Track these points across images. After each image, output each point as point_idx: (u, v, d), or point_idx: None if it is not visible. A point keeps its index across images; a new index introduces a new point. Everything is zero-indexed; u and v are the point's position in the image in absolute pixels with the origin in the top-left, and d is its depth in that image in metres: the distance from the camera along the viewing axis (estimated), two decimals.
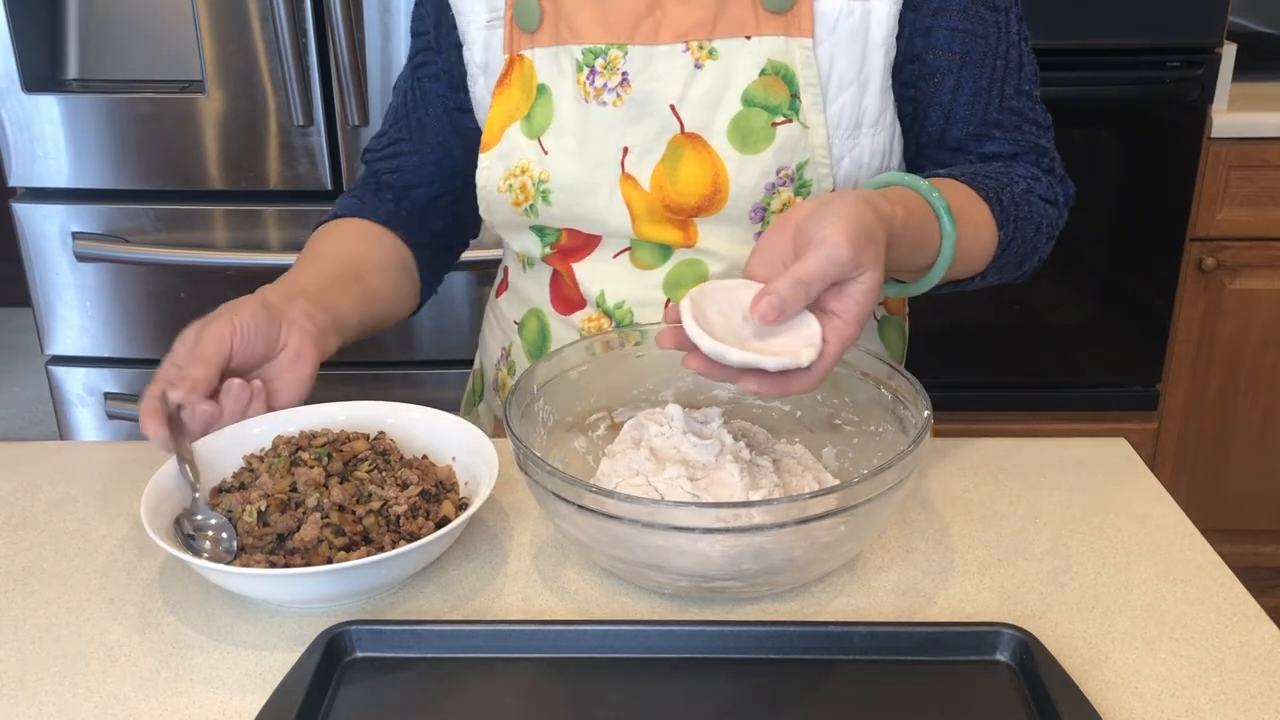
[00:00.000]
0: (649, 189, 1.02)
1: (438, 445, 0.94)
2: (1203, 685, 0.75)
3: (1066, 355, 2.21)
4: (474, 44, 1.09)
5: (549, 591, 0.85)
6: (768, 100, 0.99)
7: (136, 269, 2.02)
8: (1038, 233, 1.03)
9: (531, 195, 1.05)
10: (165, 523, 0.84)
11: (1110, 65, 2.01)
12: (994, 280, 1.04)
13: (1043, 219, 1.04)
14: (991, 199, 0.98)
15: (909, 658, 0.76)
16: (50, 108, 1.94)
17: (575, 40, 1.03)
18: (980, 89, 1.03)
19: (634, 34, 1.01)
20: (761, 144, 1.00)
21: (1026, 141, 1.06)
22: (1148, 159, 2.06)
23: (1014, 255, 1.02)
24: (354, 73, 1.88)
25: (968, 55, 1.02)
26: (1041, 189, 1.04)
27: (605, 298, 1.07)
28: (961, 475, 1.00)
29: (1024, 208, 1.01)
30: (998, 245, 0.99)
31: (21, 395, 3.35)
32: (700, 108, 1.00)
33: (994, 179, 1.00)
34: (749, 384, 0.79)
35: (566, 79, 1.03)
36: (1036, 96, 1.07)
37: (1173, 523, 0.93)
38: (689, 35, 1.00)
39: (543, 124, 1.05)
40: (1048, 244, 1.07)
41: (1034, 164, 1.07)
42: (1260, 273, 2.14)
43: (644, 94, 1.01)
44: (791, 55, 0.99)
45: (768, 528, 0.75)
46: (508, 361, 1.19)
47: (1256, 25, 2.33)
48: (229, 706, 0.74)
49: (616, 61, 1.01)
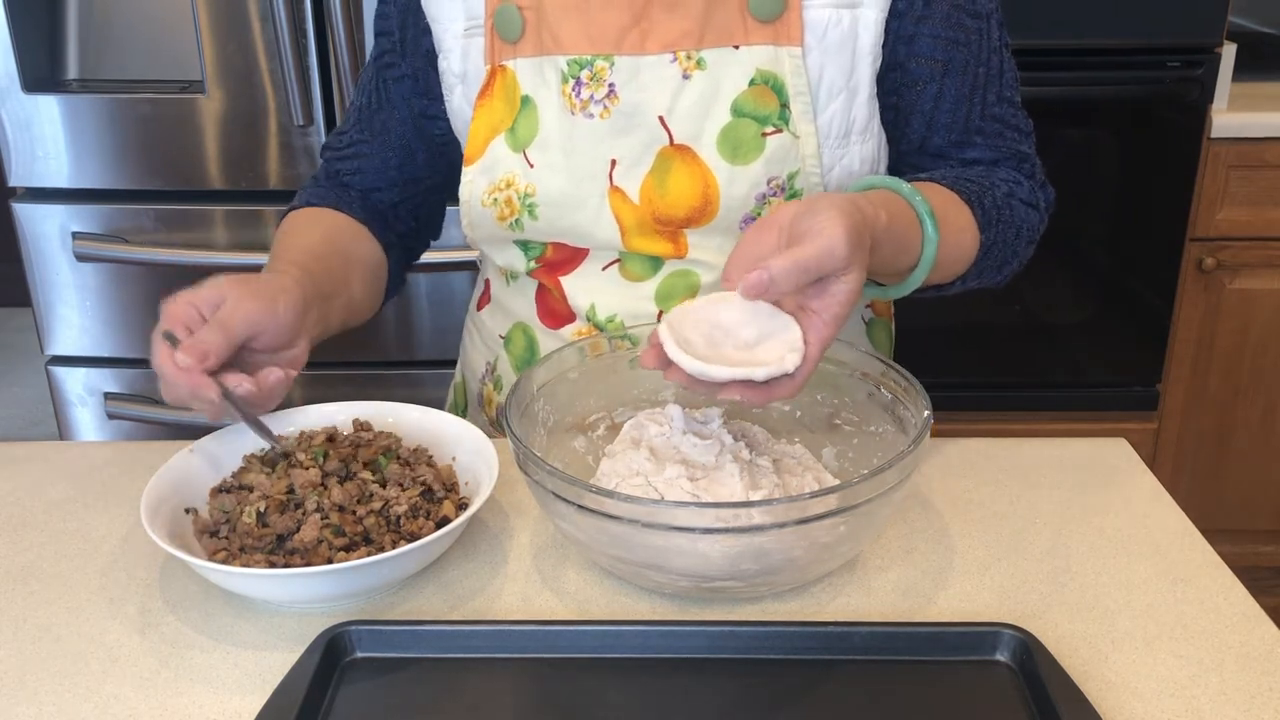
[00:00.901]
0: (638, 201, 1.01)
1: (438, 445, 0.94)
2: (1203, 685, 0.75)
3: (1066, 355, 2.21)
4: (451, 52, 1.06)
5: (549, 591, 0.85)
6: (757, 110, 0.99)
7: (136, 269, 2.02)
8: (1018, 237, 1.03)
9: (517, 209, 1.03)
10: (165, 523, 0.84)
11: (1110, 65, 2.01)
12: (974, 284, 1.04)
13: (1024, 223, 1.03)
14: (974, 202, 0.98)
15: (909, 658, 0.76)
16: (50, 108, 1.94)
17: (560, 51, 1.01)
18: (962, 96, 1.03)
19: (620, 44, 1.00)
20: (752, 154, 0.99)
21: (1008, 148, 1.06)
22: (1147, 159, 2.06)
23: (995, 259, 1.02)
24: (354, 73, 1.88)
25: (950, 63, 1.02)
26: (1023, 193, 1.04)
27: (596, 311, 1.06)
28: (961, 475, 1.00)
29: (1005, 211, 1.01)
30: (979, 249, 0.98)
31: (21, 395, 3.35)
32: (689, 119, 0.99)
33: (976, 183, 1.00)
34: (732, 394, 0.79)
35: (551, 90, 1.02)
36: (1018, 102, 1.07)
37: (1173, 523, 0.93)
38: (676, 45, 0.99)
39: (527, 137, 1.03)
40: (1028, 248, 1.06)
41: (1015, 169, 1.07)
42: (1260, 273, 2.14)
43: (631, 105, 1.00)
44: (781, 64, 0.98)
45: (768, 528, 0.75)
46: (493, 376, 1.16)
47: (1256, 25, 2.33)
48: (229, 706, 0.74)
49: (603, 73, 1.00)
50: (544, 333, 1.10)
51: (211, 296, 0.90)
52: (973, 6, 1.01)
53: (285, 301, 0.91)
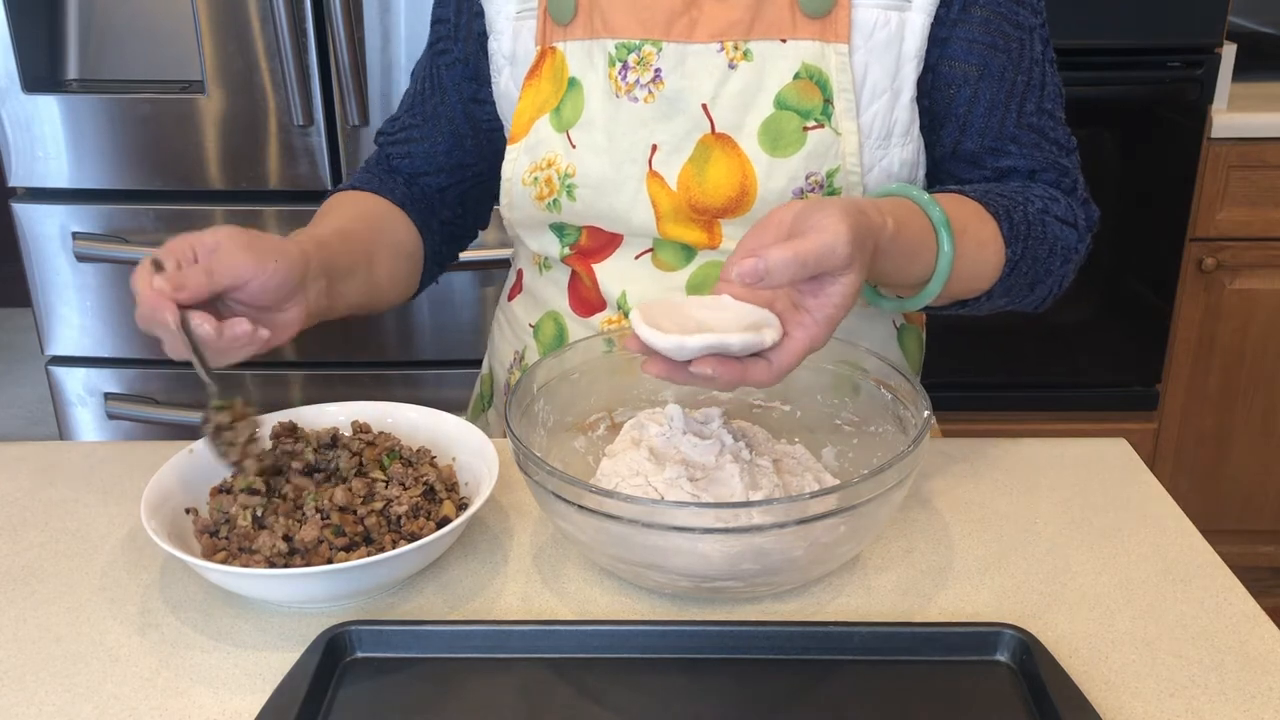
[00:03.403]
0: (675, 188, 1.02)
1: (438, 445, 0.94)
2: (1203, 685, 0.75)
3: (1066, 355, 2.21)
4: (502, 34, 1.08)
5: (549, 591, 0.85)
6: (800, 104, 0.99)
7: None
8: (1051, 254, 1.00)
9: (556, 189, 1.04)
10: (165, 523, 0.84)
11: (1110, 65, 2.01)
12: (1003, 303, 1.01)
13: (1057, 240, 1.00)
14: (1001, 216, 0.96)
15: (909, 658, 0.76)
16: (50, 108, 1.94)
17: (609, 34, 1.02)
18: (998, 102, 1.02)
19: (669, 31, 1.01)
20: (792, 148, 0.99)
21: (1046, 159, 1.04)
22: (1148, 159, 2.06)
23: (1023, 277, 0.99)
24: (354, 73, 1.88)
25: (986, 68, 1.01)
26: (1059, 210, 1.01)
27: (627, 299, 1.06)
28: (961, 475, 1.00)
29: (1037, 227, 0.98)
30: (1005, 264, 0.96)
31: (21, 395, 3.35)
32: (732, 108, 1.00)
33: (1007, 196, 0.99)
34: (705, 367, 0.75)
35: (598, 73, 1.03)
36: (1060, 118, 1.05)
37: (1173, 523, 0.93)
38: (724, 35, 1.00)
39: (572, 118, 1.04)
40: (1064, 267, 1.02)
41: (1053, 184, 1.04)
42: (1260, 273, 2.14)
43: (675, 92, 1.01)
44: (827, 61, 0.98)
45: (768, 528, 0.75)
46: (521, 365, 1.17)
47: (1256, 25, 2.33)
48: (229, 706, 0.74)
49: (650, 58, 1.01)
50: (574, 320, 1.11)
51: (209, 241, 0.89)
52: (1015, 17, 1.00)
53: (280, 263, 0.90)
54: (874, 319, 1.11)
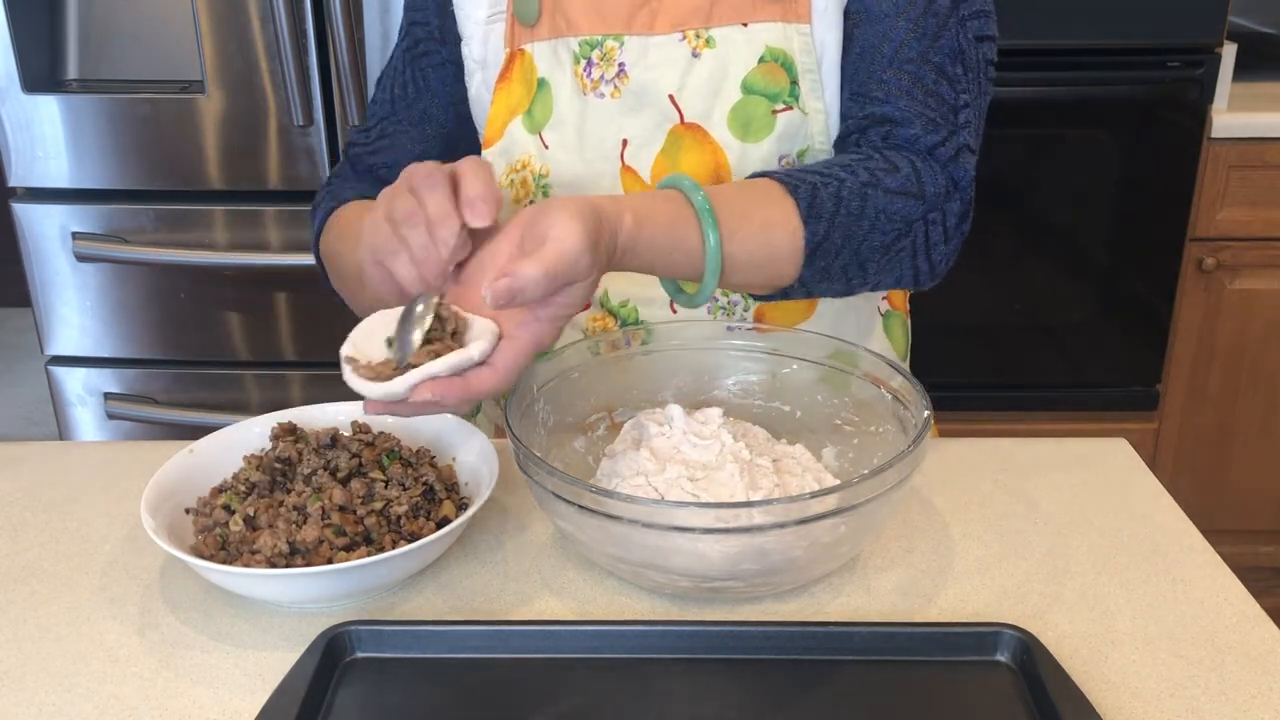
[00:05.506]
0: (650, 181, 1.02)
1: (438, 445, 0.94)
2: (1203, 685, 0.75)
3: (1066, 355, 2.21)
4: (472, 39, 1.08)
5: (549, 591, 0.85)
6: (767, 88, 0.99)
7: (136, 269, 2.02)
8: (874, 230, 0.92)
9: (532, 190, 1.05)
10: (165, 523, 0.84)
11: (1110, 65, 2.01)
12: (827, 287, 0.94)
13: (883, 213, 0.92)
14: (801, 195, 0.90)
15: (909, 658, 0.76)
16: (50, 108, 1.94)
17: (572, 32, 1.02)
18: (871, 44, 0.98)
19: (630, 24, 1.01)
20: (763, 132, 0.99)
21: (913, 109, 0.96)
22: (1148, 159, 2.06)
23: (838, 256, 0.92)
24: (354, 73, 1.88)
25: (869, 12, 0.97)
26: (894, 181, 0.93)
27: (609, 296, 1.06)
28: (961, 475, 1.00)
29: (853, 202, 0.91)
30: (805, 246, 0.90)
31: (21, 395, 3.35)
32: (699, 97, 1.00)
33: (819, 173, 0.92)
34: (424, 393, 0.75)
35: (565, 72, 1.03)
36: (953, 76, 0.97)
37: (1173, 523, 0.93)
38: (685, 24, 0.99)
39: (543, 118, 1.04)
40: (903, 240, 0.94)
41: (911, 141, 0.97)
42: (1260, 273, 2.14)
43: (641, 85, 1.01)
44: (790, 42, 0.99)
45: (768, 528, 0.75)
46: None
47: (1256, 25, 2.33)
48: (229, 706, 0.74)
49: (613, 53, 1.01)
50: None
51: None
52: None
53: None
54: (858, 306, 1.10)
